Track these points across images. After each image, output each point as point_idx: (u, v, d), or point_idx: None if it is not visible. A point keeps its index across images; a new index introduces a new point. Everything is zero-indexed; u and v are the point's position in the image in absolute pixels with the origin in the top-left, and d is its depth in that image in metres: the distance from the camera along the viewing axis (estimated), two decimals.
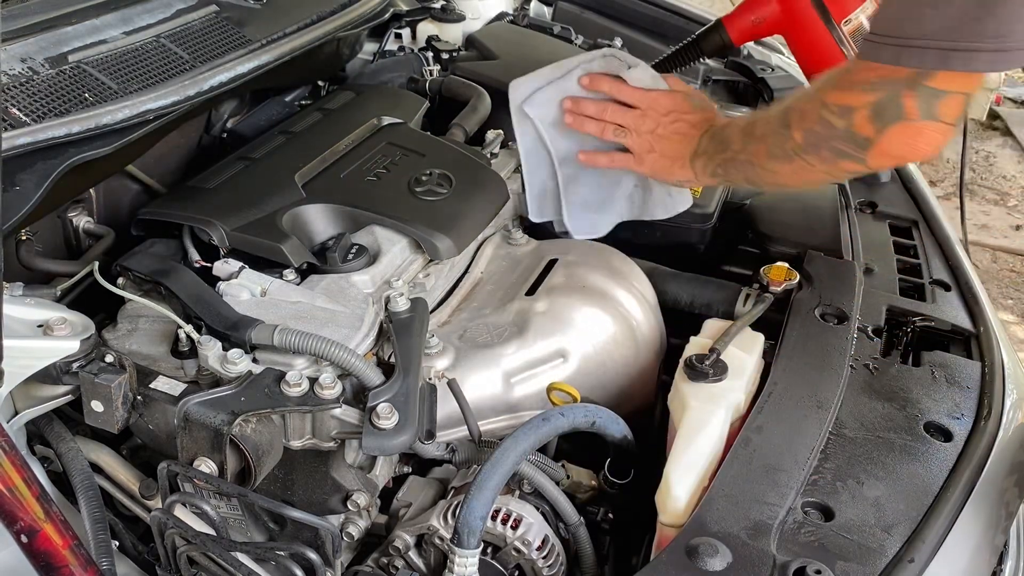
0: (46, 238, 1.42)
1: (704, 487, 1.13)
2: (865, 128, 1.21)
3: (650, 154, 1.51)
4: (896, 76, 1.17)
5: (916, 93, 1.16)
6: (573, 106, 1.54)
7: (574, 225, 1.61)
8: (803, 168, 1.32)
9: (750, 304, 1.53)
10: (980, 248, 4.58)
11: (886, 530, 1.06)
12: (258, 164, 1.54)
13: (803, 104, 1.31)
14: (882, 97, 1.19)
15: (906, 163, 1.29)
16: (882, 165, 1.28)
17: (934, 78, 1.15)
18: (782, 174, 1.36)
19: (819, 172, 1.32)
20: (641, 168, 1.53)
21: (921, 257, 1.68)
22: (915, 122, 1.17)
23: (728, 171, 1.44)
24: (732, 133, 1.43)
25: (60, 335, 1.13)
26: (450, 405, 1.27)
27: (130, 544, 1.24)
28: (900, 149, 1.22)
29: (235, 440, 1.12)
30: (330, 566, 1.13)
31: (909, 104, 1.16)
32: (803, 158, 1.31)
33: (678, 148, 1.49)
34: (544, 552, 1.18)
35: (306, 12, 1.74)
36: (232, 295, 1.28)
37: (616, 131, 1.52)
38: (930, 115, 1.17)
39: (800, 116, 1.30)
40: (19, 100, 1.25)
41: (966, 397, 1.31)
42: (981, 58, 1.10)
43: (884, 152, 1.22)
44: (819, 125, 1.26)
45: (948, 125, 1.18)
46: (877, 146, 1.21)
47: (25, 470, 1.01)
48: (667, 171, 1.51)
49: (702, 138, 1.46)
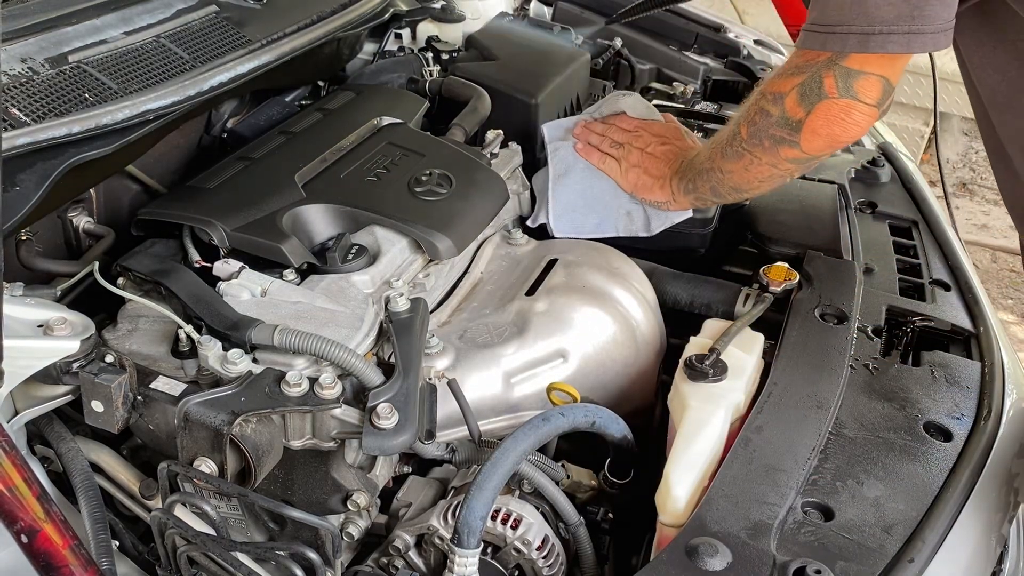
0: (46, 238, 1.42)
1: (704, 487, 1.13)
2: (795, 110, 1.33)
3: (635, 169, 1.66)
4: (818, 59, 1.29)
5: (834, 72, 1.28)
6: (580, 133, 1.73)
7: (556, 222, 1.70)
8: (751, 164, 1.43)
9: (750, 304, 1.53)
10: (980, 248, 4.58)
11: (886, 530, 1.06)
12: (258, 164, 1.54)
13: (748, 101, 1.42)
14: (805, 78, 1.31)
15: (836, 145, 1.38)
16: (814, 147, 1.36)
17: (849, 59, 1.26)
18: (735, 173, 1.47)
19: (764, 166, 1.42)
20: (624, 181, 1.67)
21: (921, 257, 1.68)
22: (837, 100, 1.28)
23: (697, 185, 1.57)
24: (701, 151, 1.56)
25: (60, 335, 1.13)
26: (450, 405, 1.27)
27: (130, 544, 1.24)
28: (827, 127, 1.32)
29: (235, 440, 1.12)
30: (330, 566, 1.13)
31: (829, 83, 1.28)
32: (750, 153, 1.42)
33: (661, 168, 1.63)
34: (544, 552, 1.18)
35: (306, 12, 1.74)
36: (232, 295, 1.28)
37: (612, 144, 1.68)
38: (849, 93, 1.27)
39: (745, 112, 1.42)
40: (19, 100, 1.25)
41: (966, 397, 1.31)
42: (895, 40, 1.21)
43: (813, 131, 1.33)
44: (759, 116, 1.38)
45: (869, 106, 1.29)
46: (807, 126, 1.32)
47: (25, 470, 1.00)
48: (647, 189, 1.65)
49: (681, 162, 1.60)
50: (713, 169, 1.50)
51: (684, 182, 1.58)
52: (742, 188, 1.53)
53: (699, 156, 1.56)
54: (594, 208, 1.70)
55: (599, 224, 1.70)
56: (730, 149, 1.45)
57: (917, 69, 4.63)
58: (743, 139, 1.41)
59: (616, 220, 1.69)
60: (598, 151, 1.69)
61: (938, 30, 1.21)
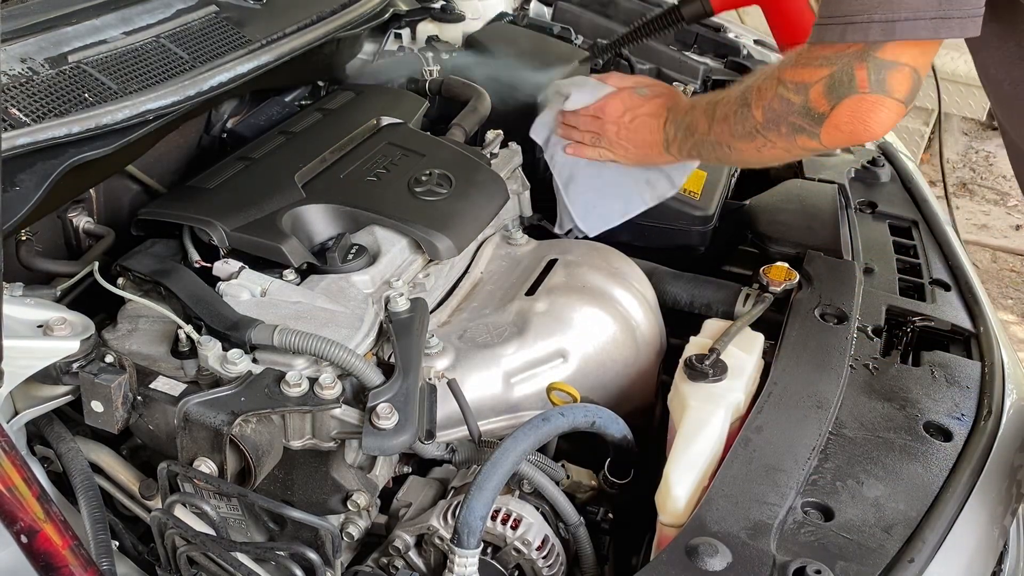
0: (46, 238, 1.42)
1: (704, 487, 1.13)
2: (820, 103, 1.29)
3: (625, 148, 1.65)
4: (848, 51, 1.25)
5: (867, 64, 1.24)
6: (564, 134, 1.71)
7: (585, 224, 1.70)
8: (764, 145, 1.41)
9: (750, 304, 1.53)
10: (980, 248, 4.58)
11: (886, 530, 1.06)
12: (258, 164, 1.54)
13: (761, 83, 1.39)
14: (835, 70, 1.27)
15: (857, 141, 1.37)
16: (835, 141, 1.34)
17: (883, 49, 1.23)
18: (746, 152, 1.45)
19: (779, 149, 1.40)
20: (626, 159, 1.67)
21: (921, 257, 1.68)
22: (867, 95, 1.25)
23: (701, 152, 1.55)
24: (696, 117, 1.52)
25: (60, 335, 1.13)
26: (450, 405, 1.27)
27: (130, 544, 1.24)
28: (851, 124, 1.29)
29: (235, 440, 1.12)
30: (330, 566, 1.13)
31: (861, 76, 1.24)
32: (763, 135, 1.39)
33: (646, 137, 1.61)
34: (544, 552, 1.18)
35: (306, 12, 1.74)
36: (232, 295, 1.28)
37: (593, 138, 1.67)
38: (881, 88, 1.24)
39: (759, 94, 1.38)
40: (19, 100, 1.25)
41: (966, 397, 1.31)
42: (923, 25, 1.18)
43: (836, 126, 1.30)
44: (777, 102, 1.35)
45: (898, 102, 1.26)
46: (830, 120, 1.29)
47: (25, 470, 1.00)
48: (647, 157, 1.65)
49: (667, 126, 1.58)
50: (720, 144, 1.48)
51: (685, 148, 1.56)
52: (751, 163, 1.56)
53: (693, 124, 1.53)
54: (613, 195, 1.70)
55: (626, 207, 1.70)
56: (741, 129, 1.42)
57: None
58: (758, 122, 1.38)
59: (640, 194, 1.69)
60: (587, 146, 1.69)
61: (967, 15, 1.18)
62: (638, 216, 1.71)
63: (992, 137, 5.68)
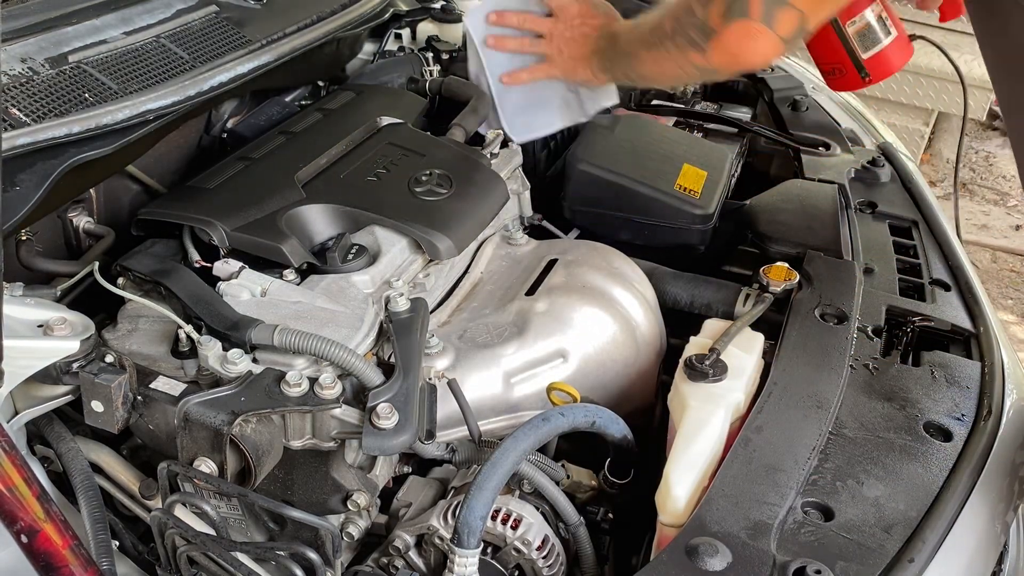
0: (46, 238, 1.42)
1: (704, 487, 1.13)
2: (715, 19, 1.35)
3: (559, 55, 1.68)
4: None
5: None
6: (497, 19, 1.72)
7: (511, 128, 1.75)
8: (661, 57, 1.47)
9: (750, 304, 1.53)
10: (980, 248, 4.59)
11: (886, 530, 1.07)
12: (258, 164, 1.54)
13: None
14: None
15: (737, 66, 1.43)
16: (719, 61, 1.39)
17: None
18: (648, 62, 1.51)
19: (672, 62, 1.46)
20: (554, 71, 1.70)
21: (921, 257, 1.68)
22: (754, 23, 1.31)
23: (614, 66, 1.60)
24: (621, 28, 1.59)
25: (60, 335, 1.13)
26: (450, 405, 1.27)
27: (130, 544, 1.24)
28: (735, 47, 1.35)
29: (235, 440, 1.12)
30: (330, 566, 1.13)
31: (755, 4, 1.31)
32: (663, 46, 1.45)
33: (581, 50, 1.65)
34: (544, 552, 1.18)
35: (306, 12, 1.74)
36: (232, 295, 1.28)
37: (533, 41, 1.69)
38: (768, 21, 1.31)
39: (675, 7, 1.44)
40: (19, 100, 1.25)
41: (966, 397, 1.31)
42: None
43: (722, 46, 1.36)
44: (684, 14, 1.41)
45: (780, 39, 1.32)
46: (719, 38, 1.35)
47: (25, 470, 1.00)
48: (573, 71, 1.68)
49: (600, 39, 1.63)
50: (631, 53, 1.54)
51: (604, 60, 1.61)
52: (648, 78, 1.59)
53: (616, 35, 1.59)
54: (539, 104, 1.75)
55: (548, 119, 1.76)
56: (651, 36, 1.48)
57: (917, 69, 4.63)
58: (664, 31, 1.44)
59: (559, 110, 1.74)
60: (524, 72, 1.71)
61: None
62: (638, 214, 1.71)
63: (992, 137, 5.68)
